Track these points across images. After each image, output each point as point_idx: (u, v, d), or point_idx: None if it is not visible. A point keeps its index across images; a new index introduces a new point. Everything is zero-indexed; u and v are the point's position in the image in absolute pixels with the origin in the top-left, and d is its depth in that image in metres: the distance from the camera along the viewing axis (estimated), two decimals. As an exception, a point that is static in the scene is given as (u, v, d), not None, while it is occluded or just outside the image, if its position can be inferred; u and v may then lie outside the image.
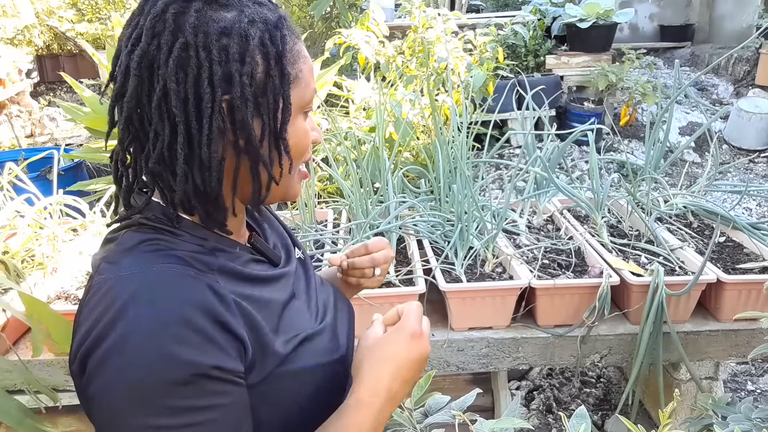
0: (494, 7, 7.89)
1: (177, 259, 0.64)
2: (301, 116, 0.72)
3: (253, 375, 0.65)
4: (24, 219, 1.75)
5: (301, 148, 0.73)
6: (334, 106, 2.99)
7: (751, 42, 4.96)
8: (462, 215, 1.67)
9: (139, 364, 0.56)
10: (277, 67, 0.66)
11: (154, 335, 0.57)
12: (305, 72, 0.71)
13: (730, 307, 1.50)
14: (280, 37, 0.67)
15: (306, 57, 0.72)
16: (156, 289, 0.60)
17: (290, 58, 0.68)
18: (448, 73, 2.93)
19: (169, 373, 0.56)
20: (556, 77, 4.87)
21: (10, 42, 6.15)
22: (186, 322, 0.58)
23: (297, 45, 0.71)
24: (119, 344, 0.57)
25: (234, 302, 0.64)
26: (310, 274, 0.89)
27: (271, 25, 0.67)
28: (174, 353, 0.57)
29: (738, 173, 4.46)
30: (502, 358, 1.54)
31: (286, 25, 0.69)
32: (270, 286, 0.75)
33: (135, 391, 0.56)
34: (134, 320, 0.58)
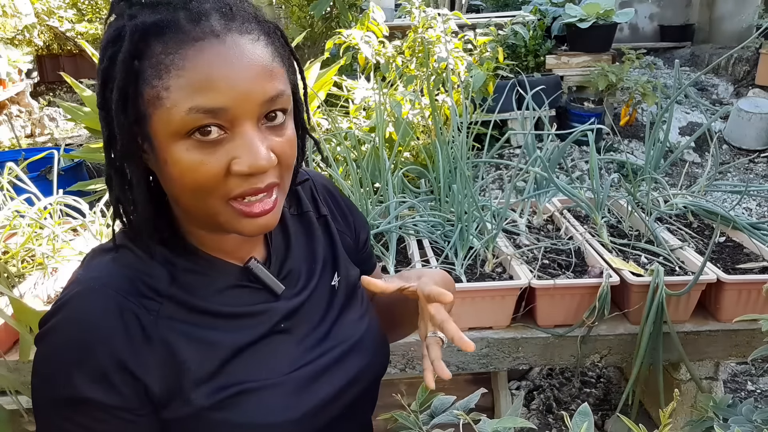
0: (494, 7, 7.89)
1: (122, 280, 0.65)
2: (186, 143, 0.59)
3: (167, 411, 0.66)
4: (24, 219, 1.75)
5: (189, 181, 0.60)
6: (334, 106, 2.99)
7: (751, 42, 4.95)
8: (462, 215, 1.67)
9: (44, 367, 0.64)
10: (118, 84, 0.58)
11: (60, 350, 0.63)
12: (180, 87, 0.57)
13: (730, 307, 1.50)
14: (128, 50, 0.57)
15: (185, 68, 0.57)
16: (83, 307, 0.64)
17: (151, 72, 0.58)
18: (448, 73, 2.93)
19: (60, 388, 0.62)
20: (556, 77, 4.87)
21: (10, 42, 6.15)
22: (88, 350, 0.62)
23: (172, 54, 0.57)
24: (46, 335, 0.64)
25: (160, 339, 0.65)
26: (335, 307, 0.79)
27: (127, 33, 0.58)
28: (67, 372, 0.62)
29: (738, 173, 4.46)
30: (502, 358, 1.54)
31: (152, 29, 0.58)
32: (232, 323, 0.69)
33: (39, 381, 0.64)
34: (59, 323, 0.64)
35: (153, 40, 0.58)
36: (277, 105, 0.62)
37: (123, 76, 0.58)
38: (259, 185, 0.62)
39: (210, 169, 0.60)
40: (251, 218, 0.63)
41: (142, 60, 0.58)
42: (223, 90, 0.58)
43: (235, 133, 0.60)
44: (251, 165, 0.60)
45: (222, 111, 0.58)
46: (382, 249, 1.68)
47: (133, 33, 0.58)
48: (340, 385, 0.75)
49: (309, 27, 5.06)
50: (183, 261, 0.69)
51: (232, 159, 0.60)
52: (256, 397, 0.68)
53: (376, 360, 0.82)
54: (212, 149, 0.60)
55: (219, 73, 0.58)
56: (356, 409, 0.80)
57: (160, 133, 0.59)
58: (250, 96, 0.59)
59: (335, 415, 0.75)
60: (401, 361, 1.52)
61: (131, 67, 0.58)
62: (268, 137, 0.62)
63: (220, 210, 0.63)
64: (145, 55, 0.58)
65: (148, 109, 0.59)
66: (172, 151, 0.59)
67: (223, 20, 0.60)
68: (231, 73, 0.58)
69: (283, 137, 0.64)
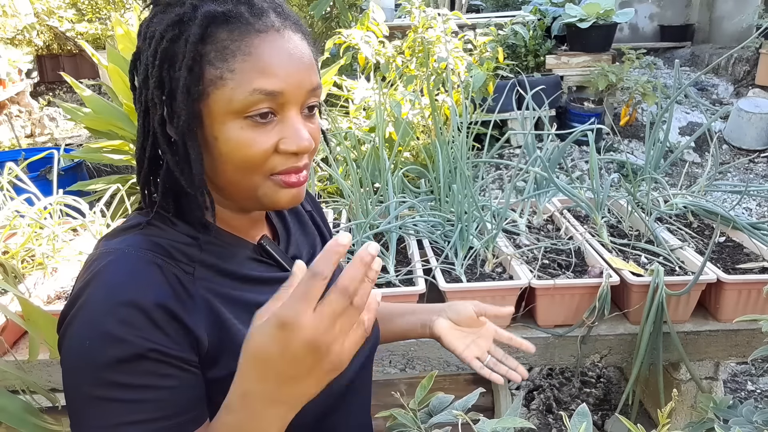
0: (494, 7, 7.89)
1: (154, 246, 0.67)
2: (240, 122, 0.65)
3: (216, 370, 0.66)
4: (24, 219, 1.75)
5: (239, 158, 0.66)
6: (334, 106, 2.99)
7: (751, 42, 4.96)
8: (462, 215, 1.67)
9: (84, 337, 0.61)
10: (186, 63, 0.64)
11: (102, 313, 0.61)
12: (245, 70, 0.64)
13: (730, 307, 1.50)
14: (197, 34, 0.64)
15: (251, 54, 0.64)
16: (120, 271, 0.64)
17: (216, 55, 0.64)
18: (448, 73, 2.93)
19: (109, 349, 0.59)
20: (556, 77, 4.87)
21: (10, 42, 6.15)
22: (135, 305, 0.61)
23: (238, 41, 0.65)
24: (77, 314, 0.62)
25: (201, 297, 0.67)
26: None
27: (195, 21, 0.64)
28: (115, 332, 0.59)
29: (738, 173, 4.46)
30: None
31: (220, 17, 0.64)
32: (259, 288, 0.73)
33: (81, 360, 0.61)
34: (92, 295, 0.62)
35: (219, 28, 0.64)
36: (316, 97, 0.71)
37: (192, 55, 0.64)
38: (299, 164, 0.70)
39: (261, 146, 0.66)
40: (288, 188, 0.70)
41: (207, 44, 0.64)
42: (281, 76, 0.65)
43: (284, 117, 0.68)
44: (299, 145, 0.68)
45: (279, 95, 0.66)
46: (382, 249, 1.68)
47: (203, 19, 0.64)
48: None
49: (309, 27, 5.05)
50: (204, 236, 0.72)
51: (281, 139, 0.67)
52: None
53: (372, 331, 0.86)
54: (264, 129, 0.66)
55: (279, 62, 0.65)
56: (360, 378, 0.85)
57: (215, 112, 0.65)
58: (302, 84, 0.67)
59: (348, 380, 0.80)
60: (401, 361, 1.52)
61: (198, 49, 0.64)
62: (306, 123, 0.70)
63: (260, 184, 0.69)
64: (209, 40, 0.64)
65: (208, 88, 0.65)
66: (226, 128, 0.66)
67: (279, 18, 0.68)
68: (288, 62, 0.66)
69: (315, 126, 0.72)
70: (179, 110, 0.65)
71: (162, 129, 0.67)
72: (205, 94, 0.65)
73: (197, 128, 0.66)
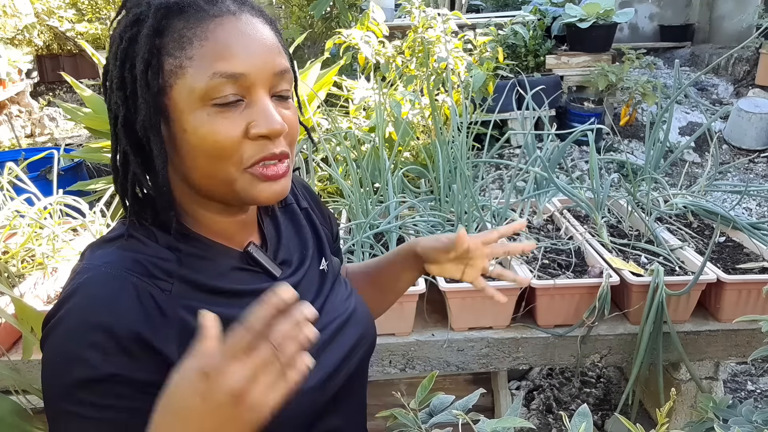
0: (494, 7, 7.89)
1: (133, 264, 0.66)
2: (207, 109, 0.64)
3: None
4: (24, 219, 1.75)
5: (209, 146, 0.64)
6: (333, 106, 2.99)
7: (751, 42, 4.96)
8: (462, 215, 1.67)
9: (57, 353, 0.62)
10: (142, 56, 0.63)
11: (75, 333, 0.61)
12: (203, 56, 0.63)
13: (730, 307, 1.50)
14: (152, 26, 0.63)
15: (207, 38, 0.63)
16: (95, 293, 0.64)
17: (173, 45, 0.63)
18: (448, 73, 2.93)
19: (76, 370, 0.60)
20: (556, 77, 4.86)
21: (10, 42, 6.15)
22: (106, 330, 0.61)
23: (194, 28, 0.64)
24: (54, 327, 0.63)
25: (176, 315, 0.66)
26: (324, 290, 0.84)
27: (149, 15, 0.64)
28: (84, 355, 0.60)
29: (738, 173, 4.46)
30: (502, 358, 1.54)
31: (174, 8, 0.64)
32: (239, 301, 0.71)
33: (52, 373, 0.62)
34: (69, 312, 0.63)
35: (174, 18, 0.64)
36: (285, 81, 0.69)
37: (147, 49, 0.63)
38: (273, 150, 0.67)
39: (229, 132, 0.64)
40: (267, 182, 0.67)
41: (164, 36, 0.64)
42: (242, 57, 0.64)
43: (252, 100, 0.66)
44: (269, 127, 0.65)
45: (241, 77, 0.64)
46: (382, 249, 1.68)
47: (156, 11, 0.64)
48: (342, 355, 0.80)
49: (309, 27, 5.06)
50: (186, 246, 0.71)
51: (250, 122, 0.65)
52: None
53: (368, 331, 0.87)
54: (231, 114, 0.64)
55: (238, 43, 0.64)
56: (354, 381, 0.85)
57: (180, 102, 0.64)
58: (265, 65, 0.66)
59: (342, 384, 0.80)
60: (401, 361, 1.52)
61: (154, 42, 0.63)
62: (278, 107, 0.68)
63: (236, 176, 0.66)
64: (166, 32, 0.64)
65: (169, 80, 0.64)
66: (192, 118, 0.64)
67: (235, 3, 0.67)
68: (249, 43, 0.65)
69: (290, 110, 0.70)
70: (140, 106, 0.64)
71: (126, 131, 0.66)
72: (168, 86, 0.64)
73: (163, 124, 0.65)
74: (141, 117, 0.64)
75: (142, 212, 0.70)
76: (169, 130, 0.66)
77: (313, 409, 0.75)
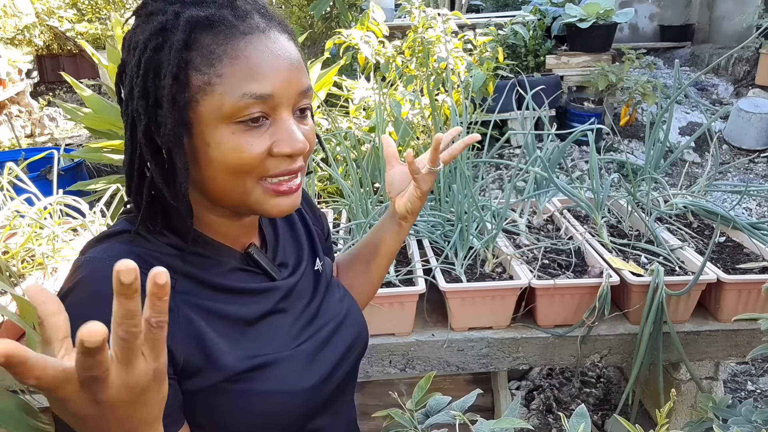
0: (494, 7, 7.89)
1: (136, 259, 0.65)
2: (232, 127, 0.64)
3: (193, 382, 0.67)
4: (24, 219, 1.75)
5: (232, 162, 0.65)
6: (334, 106, 2.99)
7: (751, 42, 4.96)
8: (462, 215, 1.67)
9: None
10: (171, 70, 0.63)
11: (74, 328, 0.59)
12: (233, 74, 0.63)
13: (730, 307, 1.50)
14: (181, 40, 0.63)
15: (238, 57, 0.63)
16: (96, 286, 0.63)
17: (202, 61, 0.63)
18: (448, 73, 2.93)
19: None
20: (556, 77, 4.87)
21: (10, 42, 6.15)
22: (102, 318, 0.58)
23: (224, 45, 0.63)
24: None
25: (180, 310, 0.67)
26: (320, 291, 0.86)
27: (178, 28, 0.63)
28: None
29: (738, 173, 4.46)
30: (502, 358, 1.54)
31: (204, 22, 0.63)
32: (243, 298, 0.74)
33: None
34: (69, 306, 0.60)
35: (203, 33, 0.63)
36: (307, 99, 0.70)
37: (176, 63, 0.63)
38: (293, 167, 0.69)
39: (255, 150, 0.65)
40: (280, 197, 0.69)
41: (192, 50, 0.63)
42: (271, 78, 0.65)
43: (276, 119, 0.67)
44: (293, 147, 0.67)
45: (269, 97, 0.65)
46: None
47: (186, 24, 0.63)
48: (338, 357, 0.81)
49: (309, 27, 5.06)
50: (189, 246, 0.72)
51: (274, 142, 0.67)
52: (275, 368, 0.72)
53: (362, 332, 0.89)
54: (256, 133, 0.66)
55: (267, 63, 0.65)
56: (349, 381, 0.86)
57: (205, 118, 0.64)
58: (291, 85, 0.67)
59: (337, 384, 0.81)
60: (401, 361, 1.52)
61: (183, 56, 0.63)
62: (299, 124, 0.69)
63: (252, 190, 0.68)
64: (194, 46, 0.63)
65: (196, 95, 0.64)
66: (217, 134, 0.65)
67: (263, 19, 0.67)
68: (277, 63, 0.65)
69: (309, 128, 0.71)
70: (165, 119, 0.64)
71: (147, 140, 0.66)
72: (194, 101, 0.64)
73: (184, 136, 0.66)
74: (166, 130, 0.64)
75: (155, 217, 0.71)
76: (190, 142, 0.66)
77: (308, 409, 0.76)
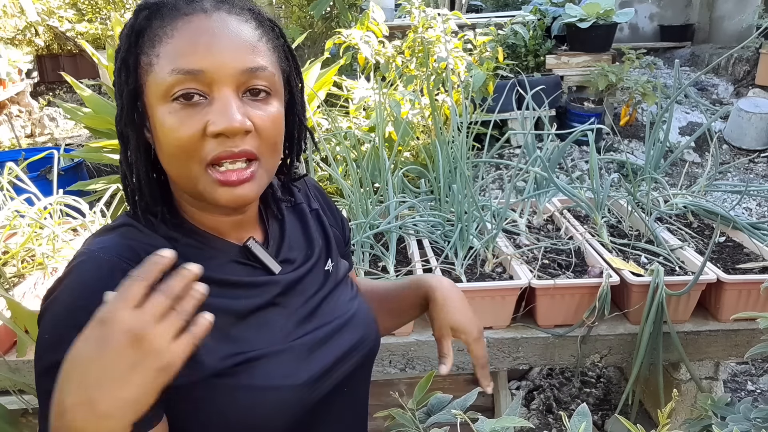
0: (494, 7, 7.89)
1: (127, 250, 0.68)
2: (168, 106, 0.65)
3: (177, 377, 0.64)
4: (24, 219, 1.75)
5: (170, 143, 0.65)
6: (333, 106, 2.99)
7: (751, 42, 4.96)
8: (462, 215, 1.67)
9: (46, 332, 0.64)
10: (121, 55, 0.67)
11: (62, 315, 0.63)
12: (167, 53, 0.64)
13: (730, 307, 1.50)
14: (130, 25, 0.67)
15: (173, 36, 0.65)
16: (85, 276, 0.65)
17: (148, 43, 0.66)
18: (448, 73, 2.93)
19: (59, 350, 0.57)
20: (556, 77, 4.86)
21: (10, 42, 6.15)
22: (89, 313, 0.57)
23: (166, 26, 0.65)
24: (48, 308, 0.65)
25: None
26: (325, 289, 0.83)
27: (139, 9, 0.68)
28: (68, 336, 0.57)
29: (738, 173, 4.46)
30: (502, 358, 1.54)
31: (152, 8, 0.67)
32: (236, 292, 0.72)
33: (39, 352, 0.64)
34: (60, 293, 0.64)
35: (154, 18, 0.66)
36: (260, 80, 0.67)
37: (126, 47, 0.67)
38: (233, 149, 0.66)
39: (187, 130, 0.64)
40: (227, 187, 0.67)
41: (143, 36, 0.66)
42: (201, 54, 0.64)
43: (213, 98, 0.65)
44: (225, 125, 0.64)
45: (200, 74, 0.64)
46: (382, 249, 1.68)
47: (137, 12, 0.67)
48: (336, 356, 0.79)
49: (309, 27, 5.06)
50: (184, 237, 0.72)
51: (208, 121, 0.65)
52: (262, 363, 0.71)
53: (368, 335, 0.85)
54: (191, 112, 0.65)
55: (200, 40, 0.64)
56: (352, 384, 0.83)
57: (151, 98, 0.66)
58: (228, 63, 0.65)
59: (335, 385, 0.78)
60: (401, 361, 1.52)
61: (133, 40, 0.67)
62: (247, 107, 0.67)
63: (199, 176, 0.67)
64: (145, 31, 0.66)
65: (143, 77, 0.66)
66: (159, 113, 0.65)
67: (213, 2, 0.68)
68: (211, 40, 0.65)
69: (264, 112, 0.68)
70: (119, 102, 0.68)
71: (119, 128, 0.70)
72: (142, 84, 0.67)
73: (146, 121, 0.69)
74: (119, 113, 0.68)
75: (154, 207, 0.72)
76: (151, 128, 0.69)
77: (302, 408, 0.74)
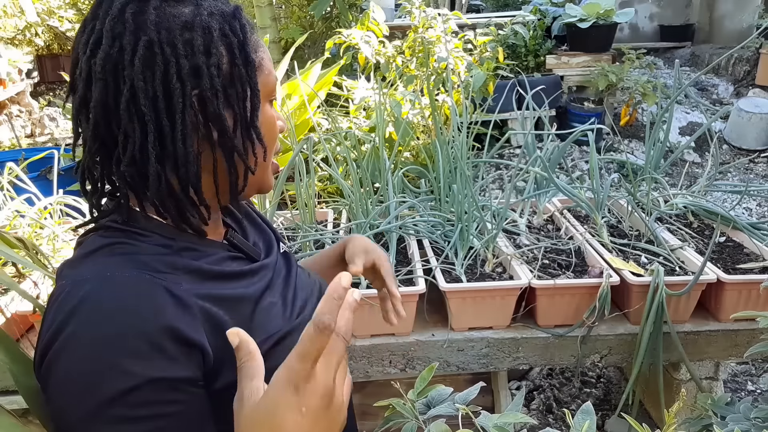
0: (494, 7, 7.89)
1: (135, 263, 0.63)
2: (268, 104, 0.74)
3: (219, 380, 0.63)
4: (24, 219, 1.75)
5: (272, 136, 0.75)
6: (334, 106, 2.99)
7: (751, 42, 4.96)
8: (462, 215, 1.67)
9: (80, 372, 0.56)
10: (242, 55, 0.68)
11: (99, 344, 0.56)
12: (266, 60, 0.72)
13: (731, 307, 1.50)
14: (240, 26, 0.69)
15: (263, 45, 0.73)
16: (111, 297, 0.59)
17: (252, 47, 0.70)
18: (448, 73, 2.93)
19: (110, 382, 0.55)
20: (556, 77, 4.86)
21: (10, 42, 6.15)
22: (135, 333, 0.56)
23: (254, 35, 0.72)
24: (64, 349, 0.57)
25: (196, 305, 0.63)
26: (293, 268, 0.87)
27: (228, 15, 0.68)
28: (118, 364, 0.55)
29: (738, 173, 4.46)
30: (502, 358, 1.54)
31: (243, 15, 0.71)
32: (244, 281, 0.73)
33: (78, 397, 0.55)
34: (81, 326, 0.57)
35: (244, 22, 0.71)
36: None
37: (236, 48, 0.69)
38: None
39: (278, 125, 0.77)
40: (273, 174, 0.79)
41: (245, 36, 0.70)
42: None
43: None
44: (283, 125, 0.79)
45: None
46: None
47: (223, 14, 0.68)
48: None
49: (309, 27, 5.06)
50: (176, 242, 0.69)
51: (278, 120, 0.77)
52: (287, 343, 0.71)
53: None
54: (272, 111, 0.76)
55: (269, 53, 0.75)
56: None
57: (262, 96, 0.72)
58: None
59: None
60: (401, 361, 1.52)
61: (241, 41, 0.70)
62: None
63: (268, 165, 0.76)
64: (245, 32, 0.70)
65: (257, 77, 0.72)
66: (266, 110, 0.73)
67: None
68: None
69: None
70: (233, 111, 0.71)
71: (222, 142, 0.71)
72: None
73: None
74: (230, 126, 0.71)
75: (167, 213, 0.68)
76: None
77: None
